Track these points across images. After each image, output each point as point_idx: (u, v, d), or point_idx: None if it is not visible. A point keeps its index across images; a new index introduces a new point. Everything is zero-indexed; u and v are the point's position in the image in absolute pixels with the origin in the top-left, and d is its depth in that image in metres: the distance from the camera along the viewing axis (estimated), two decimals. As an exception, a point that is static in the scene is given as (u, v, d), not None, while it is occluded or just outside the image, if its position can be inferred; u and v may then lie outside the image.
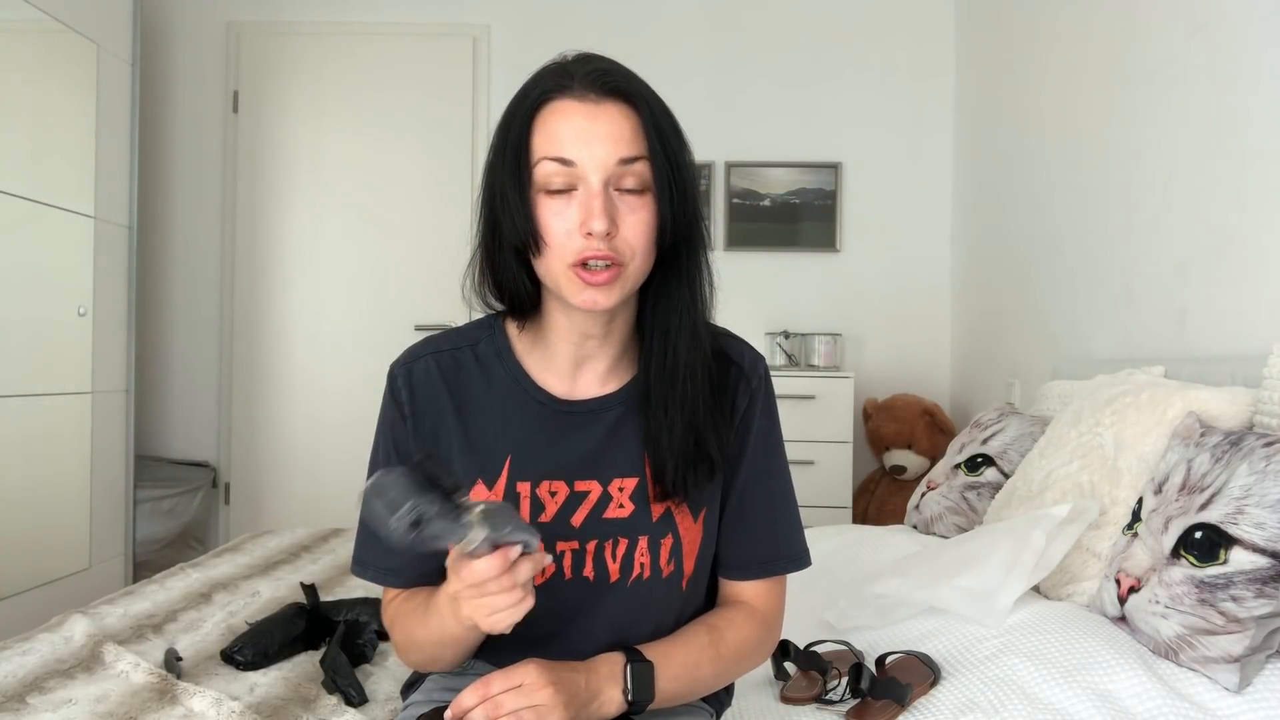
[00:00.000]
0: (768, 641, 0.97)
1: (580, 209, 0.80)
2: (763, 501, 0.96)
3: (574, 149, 0.80)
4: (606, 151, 0.80)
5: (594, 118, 0.80)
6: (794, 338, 3.53)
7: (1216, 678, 1.13)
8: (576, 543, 0.89)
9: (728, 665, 0.93)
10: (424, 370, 0.91)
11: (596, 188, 0.80)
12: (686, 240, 0.87)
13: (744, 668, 0.96)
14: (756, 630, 0.95)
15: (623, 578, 0.90)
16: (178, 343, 3.75)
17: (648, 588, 0.91)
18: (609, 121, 0.81)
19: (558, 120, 0.81)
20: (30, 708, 1.18)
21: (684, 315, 0.88)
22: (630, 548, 0.90)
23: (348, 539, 2.25)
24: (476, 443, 0.90)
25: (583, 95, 0.81)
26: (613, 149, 0.80)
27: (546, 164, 0.81)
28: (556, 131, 0.81)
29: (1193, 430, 1.37)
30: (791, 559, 0.97)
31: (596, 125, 0.80)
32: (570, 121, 0.81)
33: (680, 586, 0.93)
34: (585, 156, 0.80)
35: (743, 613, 0.95)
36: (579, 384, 0.92)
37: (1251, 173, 1.78)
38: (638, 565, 0.90)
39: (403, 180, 3.70)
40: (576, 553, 0.89)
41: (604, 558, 0.89)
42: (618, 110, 0.81)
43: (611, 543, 0.89)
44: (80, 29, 2.82)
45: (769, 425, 0.96)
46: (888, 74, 3.70)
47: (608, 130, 0.80)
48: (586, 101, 0.81)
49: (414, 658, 0.93)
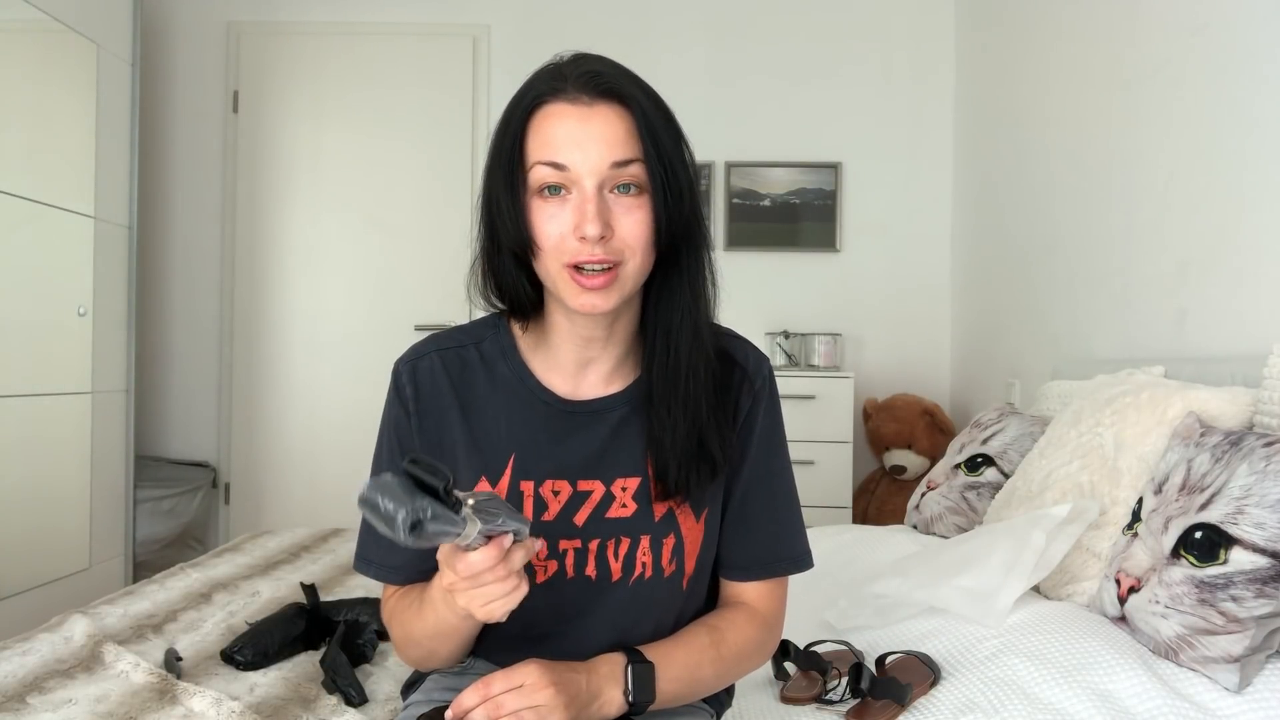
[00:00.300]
0: (769, 643, 0.97)
1: (574, 212, 0.80)
2: (765, 502, 0.96)
3: (567, 153, 0.80)
4: (600, 154, 0.80)
5: (587, 120, 0.80)
6: (794, 338, 3.53)
7: (1216, 678, 1.13)
8: (579, 541, 0.89)
9: (729, 666, 0.93)
10: (428, 367, 0.92)
11: (590, 191, 0.80)
12: (687, 239, 0.87)
13: (745, 669, 0.96)
14: (757, 631, 0.95)
15: (624, 577, 0.90)
16: (178, 343, 3.75)
17: (649, 587, 0.91)
18: (602, 123, 0.80)
19: (551, 124, 0.81)
20: (30, 708, 1.18)
21: (686, 314, 0.88)
22: (632, 547, 0.90)
23: (347, 539, 2.25)
24: (480, 441, 0.90)
25: (575, 98, 0.81)
26: (606, 152, 0.80)
27: (540, 168, 0.81)
28: (550, 135, 0.81)
29: (1193, 430, 1.37)
30: (793, 560, 0.97)
31: (589, 128, 0.80)
32: (563, 124, 0.80)
33: (681, 586, 0.93)
34: (578, 160, 0.80)
35: (744, 614, 0.95)
36: (583, 384, 0.92)
37: (1251, 173, 1.78)
38: (639, 564, 0.90)
39: (403, 180, 3.70)
40: (579, 552, 0.89)
41: (606, 557, 0.90)
42: (611, 112, 0.81)
43: (614, 542, 0.90)
44: (80, 29, 2.82)
45: (772, 426, 0.96)
46: (888, 74, 3.70)
47: (601, 133, 0.80)
48: (579, 104, 0.80)
49: (412, 654, 0.93)
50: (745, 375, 0.94)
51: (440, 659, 0.92)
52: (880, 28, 3.70)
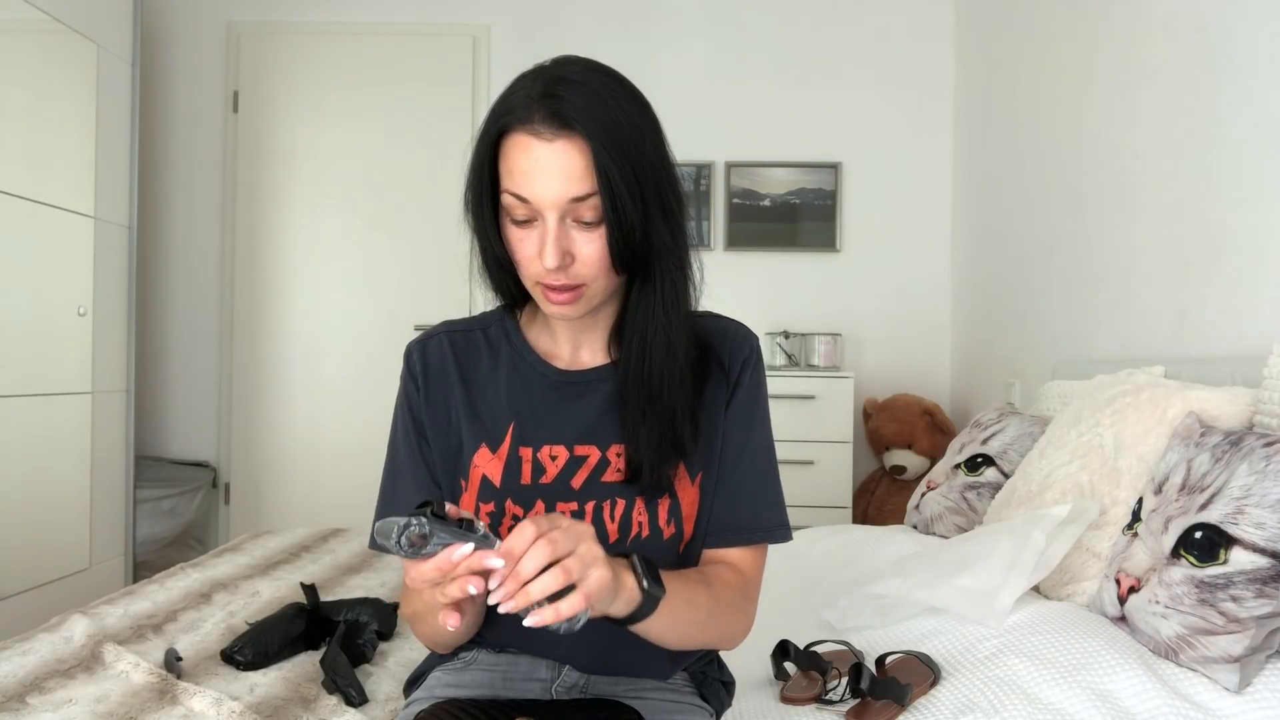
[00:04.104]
0: (748, 608, 0.97)
1: (537, 241, 0.85)
2: (745, 470, 0.97)
3: (529, 187, 0.83)
4: (558, 191, 0.82)
5: (547, 154, 0.82)
6: (794, 338, 3.53)
7: (1216, 678, 1.13)
8: (576, 504, 0.92)
9: (718, 610, 0.92)
10: (437, 346, 0.98)
11: (551, 224, 0.83)
12: (657, 257, 0.88)
13: (727, 624, 0.95)
14: (739, 587, 0.95)
15: (621, 537, 0.92)
16: (178, 343, 3.76)
17: (648, 549, 0.91)
18: (562, 157, 0.82)
19: (516, 155, 0.83)
20: (30, 708, 1.18)
21: (659, 329, 0.90)
22: (628, 508, 0.92)
23: (348, 539, 2.25)
24: (481, 412, 0.95)
25: (538, 131, 0.82)
26: (564, 188, 0.82)
27: (508, 197, 0.85)
28: (514, 167, 0.83)
29: (1193, 430, 1.37)
30: (768, 530, 0.98)
31: (550, 163, 0.82)
32: (527, 157, 0.82)
33: (678, 550, 0.95)
34: (540, 194, 0.82)
35: (727, 568, 0.96)
36: (580, 355, 0.98)
37: (1251, 173, 1.78)
38: (635, 524, 0.92)
39: (403, 180, 3.70)
40: (576, 514, 0.92)
41: (602, 518, 0.92)
42: (571, 146, 0.82)
43: (609, 504, 0.92)
44: (80, 29, 2.82)
45: (755, 398, 0.98)
46: (888, 74, 3.70)
47: (560, 168, 0.82)
48: (541, 138, 0.82)
49: (421, 631, 0.96)
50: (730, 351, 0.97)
51: (443, 636, 0.94)
52: (880, 28, 3.70)
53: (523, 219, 0.85)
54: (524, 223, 0.85)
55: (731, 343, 0.98)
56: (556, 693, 0.96)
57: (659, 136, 0.88)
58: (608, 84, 0.85)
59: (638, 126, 0.85)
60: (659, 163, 0.87)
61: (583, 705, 0.94)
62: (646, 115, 0.87)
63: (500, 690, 0.97)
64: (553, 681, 0.97)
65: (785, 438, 3.16)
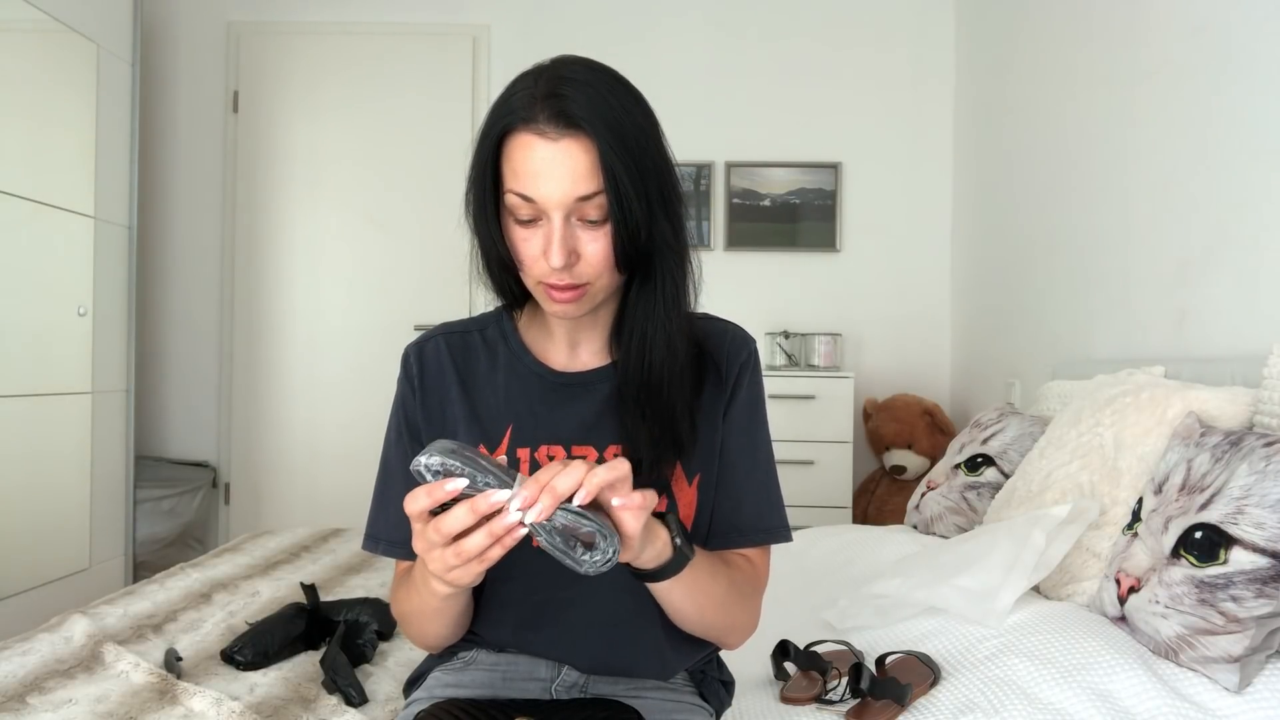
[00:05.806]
0: (756, 601, 0.97)
1: (542, 240, 0.84)
2: (746, 472, 0.97)
3: (534, 186, 0.82)
4: (564, 190, 0.82)
5: (553, 154, 0.81)
6: (794, 338, 3.53)
7: (1216, 678, 1.13)
8: None
9: (734, 593, 0.92)
10: (434, 348, 0.98)
11: (557, 223, 0.83)
12: (659, 255, 0.88)
13: (739, 610, 0.94)
14: (753, 578, 0.96)
15: None
16: (178, 343, 3.75)
17: None
18: (567, 157, 0.81)
19: (521, 154, 0.83)
20: (30, 708, 1.18)
21: (659, 326, 0.90)
22: None
23: (348, 539, 2.25)
24: (480, 414, 0.95)
25: (543, 130, 0.82)
26: (570, 187, 0.82)
27: (512, 196, 0.84)
28: (519, 166, 0.83)
29: (1193, 430, 1.37)
30: (770, 531, 0.97)
31: (555, 162, 0.81)
32: (533, 157, 0.82)
33: None
34: (545, 194, 0.82)
35: (741, 558, 0.97)
36: (577, 357, 0.97)
37: (1251, 173, 1.78)
38: None
39: (402, 180, 3.70)
40: None
41: None
42: (576, 145, 0.81)
43: None
44: (80, 29, 2.82)
45: (754, 400, 0.98)
46: (888, 74, 3.70)
47: (566, 168, 0.81)
48: (546, 137, 0.82)
49: (408, 630, 0.96)
50: (727, 354, 0.97)
51: (431, 637, 0.95)
52: (880, 28, 3.70)
53: (527, 218, 0.84)
54: (528, 222, 0.85)
55: (729, 345, 0.98)
56: (556, 693, 0.96)
57: (659, 135, 0.88)
58: (609, 83, 0.85)
59: (640, 125, 0.85)
60: (661, 161, 0.87)
61: (582, 705, 0.94)
62: (647, 114, 0.87)
63: (500, 690, 0.96)
64: (552, 681, 0.96)
65: (785, 438, 3.17)
